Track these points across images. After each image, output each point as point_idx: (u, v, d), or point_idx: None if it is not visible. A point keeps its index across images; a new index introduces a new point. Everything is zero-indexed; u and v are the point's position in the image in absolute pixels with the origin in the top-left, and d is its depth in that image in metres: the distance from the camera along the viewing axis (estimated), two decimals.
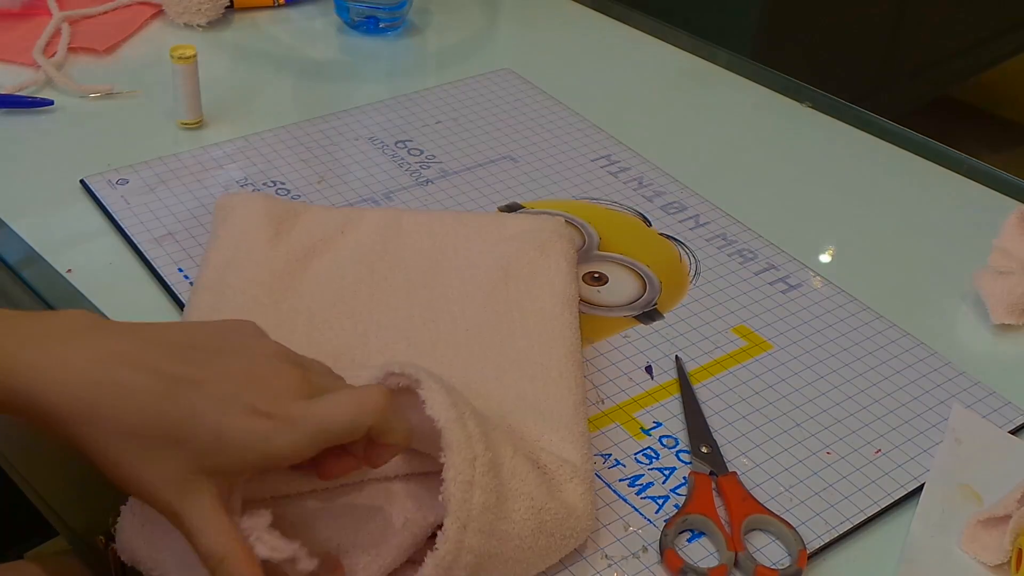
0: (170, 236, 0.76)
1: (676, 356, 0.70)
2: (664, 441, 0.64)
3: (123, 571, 0.67)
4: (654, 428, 0.65)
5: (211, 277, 0.68)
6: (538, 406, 0.61)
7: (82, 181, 0.81)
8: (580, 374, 0.65)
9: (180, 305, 0.70)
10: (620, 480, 0.61)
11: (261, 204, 0.72)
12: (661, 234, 0.81)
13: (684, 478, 0.62)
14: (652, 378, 0.68)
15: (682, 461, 0.63)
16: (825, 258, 0.81)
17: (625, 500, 0.60)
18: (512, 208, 0.82)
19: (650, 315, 0.73)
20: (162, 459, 0.47)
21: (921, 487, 0.62)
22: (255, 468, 0.48)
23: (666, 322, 0.73)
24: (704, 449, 0.63)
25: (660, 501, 0.60)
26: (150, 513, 0.51)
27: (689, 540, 0.58)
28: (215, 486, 0.47)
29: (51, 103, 0.90)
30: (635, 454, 0.63)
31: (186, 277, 0.72)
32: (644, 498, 0.60)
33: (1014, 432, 0.67)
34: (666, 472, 0.62)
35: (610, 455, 0.63)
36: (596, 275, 0.76)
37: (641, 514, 0.59)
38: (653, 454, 0.63)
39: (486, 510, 0.51)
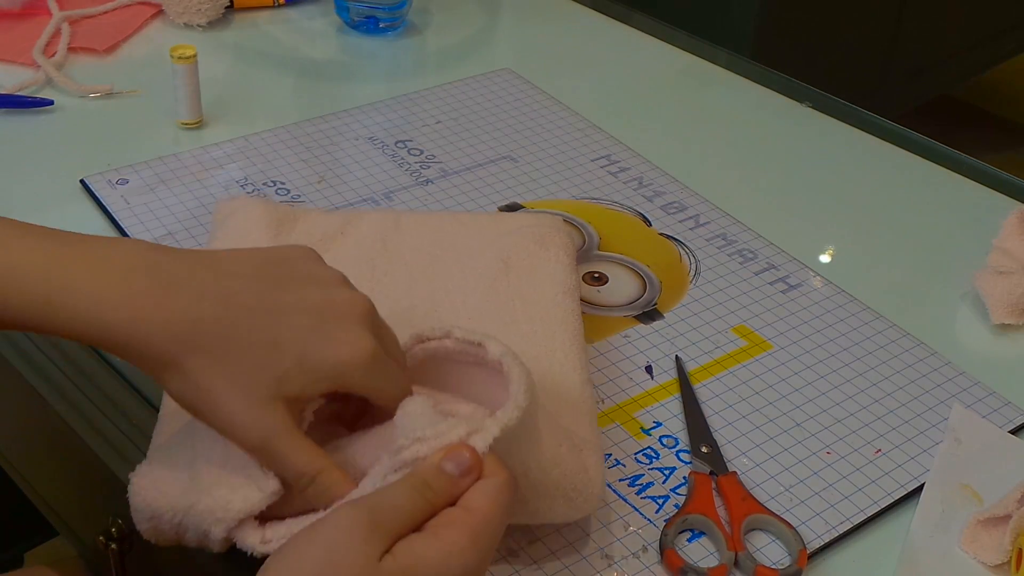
0: (170, 236, 0.76)
1: (676, 356, 0.70)
2: (664, 441, 0.64)
3: (123, 571, 0.68)
4: (654, 428, 0.65)
5: None
6: (544, 384, 0.61)
7: (82, 181, 0.81)
8: (584, 356, 0.65)
9: None
10: (620, 480, 0.61)
11: (260, 209, 0.72)
12: (661, 234, 0.81)
13: (684, 478, 0.62)
14: (652, 378, 0.68)
15: (682, 461, 0.63)
16: (825, 258, 0.81)
17: (625, 500, 0.60)
18: (512, 208, 0.82)
19: (650, 315, 0.73)
20: (246, 387, 0.49)
21: (921, 487, 0.62)
22: (328, 389, 0.51)
23: (666, 322, 0.73)
24: (704, 449, 0.63)
25: (660, 501, 0.60)
26: (158, 472, 0.52)
27: (689, 540, 0.58)
28: (291, 412, 0.50)
29: (51, 103, 0.90)
30: (635, 454, 0.63)
31: None
32: (644, 498, 0.60)
33: (1014, 432, 0.67)
34: (666, 472, 0.62)
35: (610, 455, 0.63)
36: (596, 275, 0.76)
37: (641, 514, 0.59)
38: (653, 454, 0.63)
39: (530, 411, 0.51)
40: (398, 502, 0.46)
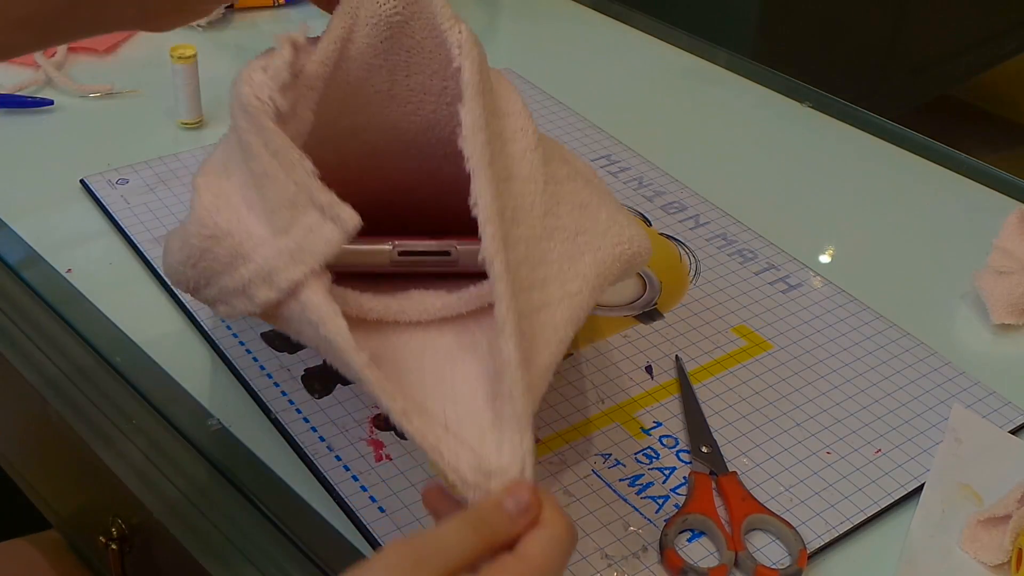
0: None
1: (676, 356, 0.70)
2: (664, 441, 0.64)
3: (123, 571, 0.68)
4: (654, 428, 0.65)
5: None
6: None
7: (82, 181, 0.81)
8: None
9: (181, 305, 0.70)
10: (620, 480, 0.61)
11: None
12: (661, 234, 0.81)
13: (684, 478, 0.62)
14: (652, 378, 0.68)
15: (682, 461, 0.63)
16: (825, 258, 0.81)
17: (625, 500, 0.60)
18: None
19: (650, 315, 0.73)
20: None
21: (921, 487, 0.62)
22: None
23: (666, 322, 0.73)
24: (704, 449, 0.63)
25: (660, 501, 0.60)
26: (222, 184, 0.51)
27: (689, 540, 0.58)
28: None
29: (51, 103, 0.90)
30: (635, 454, 0.63)
31: None
32: (644, 498, 0.60)
33: (1014, 432, 0.67)
34: (666, 472, 0.62)
35: (610, 455, 0.63)
36: None
37: (641, 514, 0.59)
38: (653, 454, 0.63)
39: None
40: (449, 543, 0.44)
